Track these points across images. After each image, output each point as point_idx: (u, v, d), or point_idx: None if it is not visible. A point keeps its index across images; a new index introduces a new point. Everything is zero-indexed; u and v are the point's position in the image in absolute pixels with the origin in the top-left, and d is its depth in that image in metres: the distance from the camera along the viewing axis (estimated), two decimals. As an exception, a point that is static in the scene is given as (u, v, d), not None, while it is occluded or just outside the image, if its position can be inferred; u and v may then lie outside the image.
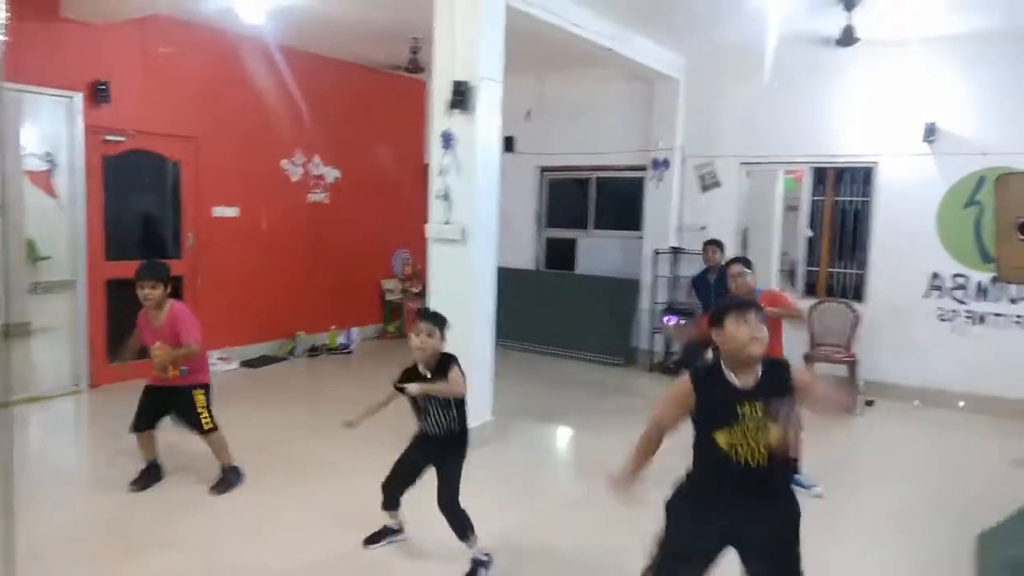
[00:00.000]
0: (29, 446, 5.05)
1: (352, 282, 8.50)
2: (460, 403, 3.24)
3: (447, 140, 4.87)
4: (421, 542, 3.53)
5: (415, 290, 8.88)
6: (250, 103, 7.22)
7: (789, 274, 7.76)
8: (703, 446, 2.27)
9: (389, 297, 8.96)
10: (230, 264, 7.10)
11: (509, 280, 6.65)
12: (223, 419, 4.24)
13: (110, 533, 3.66)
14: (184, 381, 4.05)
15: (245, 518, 3.83)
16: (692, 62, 7.49)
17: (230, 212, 7.19)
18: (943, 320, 6.48)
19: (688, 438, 2.34)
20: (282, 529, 3.69)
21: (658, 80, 7.55)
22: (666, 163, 7.68)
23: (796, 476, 4.49)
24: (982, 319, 6.34)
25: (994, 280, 6.19)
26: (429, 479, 3.31)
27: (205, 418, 4.09)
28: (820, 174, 7.19)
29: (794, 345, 6.82)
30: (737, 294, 4.45)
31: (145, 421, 4.17)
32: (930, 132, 6.36)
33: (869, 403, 6.36)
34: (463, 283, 4.91)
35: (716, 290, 6.72)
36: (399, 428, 3.43)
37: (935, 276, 6.49)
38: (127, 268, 6.42)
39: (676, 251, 7.62)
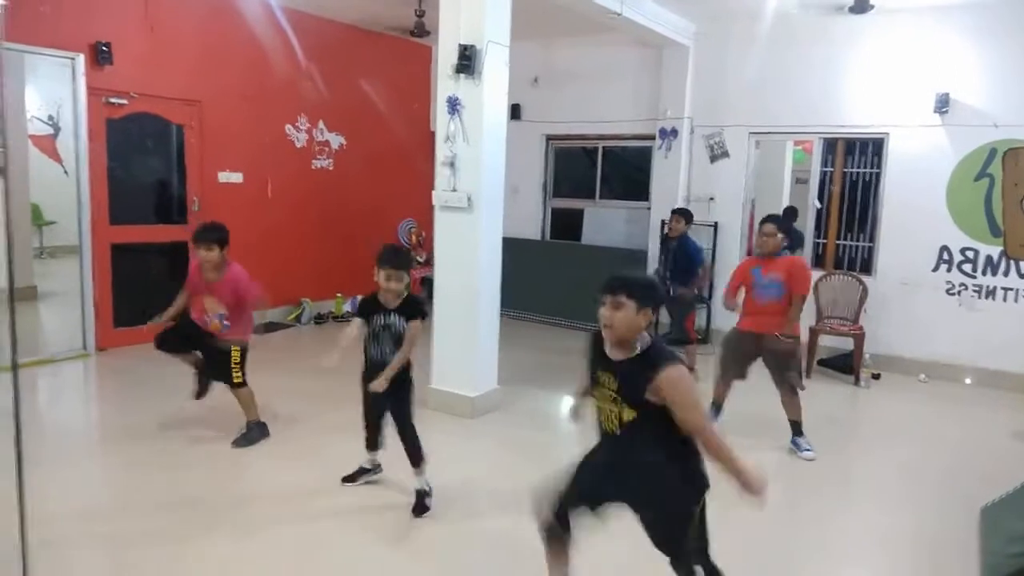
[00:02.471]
0: (39, 408, 5.09)
1: (358, 250, 8.47)
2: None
3: (453, 105, 4.81)
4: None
5: (421, 259, 8.85)
6: (254, 67, 7.13)
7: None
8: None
9: (394, 265, 8.92)
10: (236, 230, 6.87)
11: (515, 250, 6.63)
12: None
13: (120, 490, 3.69)
14: (225, 336, 4.16)
15: (251, 474, 3.88)
16: (702, 28, 7.35)
17: (235, 178, 7.14)
18: (951, 294, 6.44)
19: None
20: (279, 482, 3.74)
21: (667, 47, 7.43)
22: (674, 132, 7.59)
23: (795, 438, 4.52)
24: (991, 293, 6.30)
25: (1003, 254, 6.16)
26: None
27: (236, 373, 4.20)
28: (830, 145, 7.10)
29: (802, 318, 6.81)
30: (763, 251, 4.56)
31: (166, 342, 4.28)
32: (942, 103, 6.26)
33: (875, 376, 6.35)
34: (469, 252, 4.89)
35: (673, 260, 6.47)
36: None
37: (944, 249, 6.44)
38: (132, 233, 6.46)
39: (683, 222, 7.55)
